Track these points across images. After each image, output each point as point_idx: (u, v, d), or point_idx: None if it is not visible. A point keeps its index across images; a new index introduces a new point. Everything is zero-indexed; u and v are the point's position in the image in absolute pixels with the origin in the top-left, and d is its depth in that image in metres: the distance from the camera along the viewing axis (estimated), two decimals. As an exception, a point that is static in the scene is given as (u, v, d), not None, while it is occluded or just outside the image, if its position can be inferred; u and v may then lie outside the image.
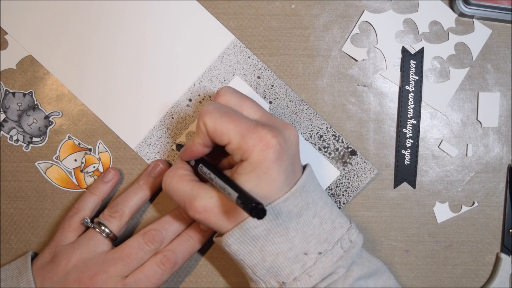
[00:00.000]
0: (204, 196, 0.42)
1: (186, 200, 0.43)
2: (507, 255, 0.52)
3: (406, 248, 0.53)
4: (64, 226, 0.49)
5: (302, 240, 0.42)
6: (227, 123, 0.41)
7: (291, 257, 0.42)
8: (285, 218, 0.41)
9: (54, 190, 0.53)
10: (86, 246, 0.47)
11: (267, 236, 0.41)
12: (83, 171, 0.53)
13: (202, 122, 0.42)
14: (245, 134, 0.40)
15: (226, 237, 0.42)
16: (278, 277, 0.42)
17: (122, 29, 0.52)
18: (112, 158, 0.53)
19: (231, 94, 0.44)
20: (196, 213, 0.42)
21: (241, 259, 0.43)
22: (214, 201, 0.42)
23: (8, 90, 0.52)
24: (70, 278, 0.46)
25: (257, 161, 0.40)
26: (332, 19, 0.52)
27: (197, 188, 0.43)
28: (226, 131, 0.41)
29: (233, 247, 0.42)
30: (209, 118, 0.41)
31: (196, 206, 0.42)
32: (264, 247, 0.42)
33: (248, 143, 0.40)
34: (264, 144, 0.40)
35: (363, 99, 0.52)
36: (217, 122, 0.41)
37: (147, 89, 0.52)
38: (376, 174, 0.52)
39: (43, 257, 0.49)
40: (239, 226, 0.41)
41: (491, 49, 0.52)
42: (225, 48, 0.52)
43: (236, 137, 0.40)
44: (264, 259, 0.42)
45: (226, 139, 0.41)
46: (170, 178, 0.45)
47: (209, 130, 0.41)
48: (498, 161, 0.52)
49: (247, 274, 0.44)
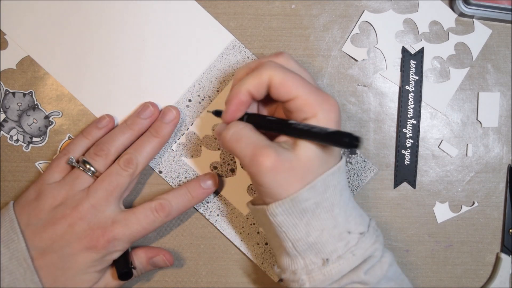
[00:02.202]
0: (279, 148, 0.40)
1: (257, 148, 0.40)
2: (507, 255, 0.52)
3: (406, 248, 0.53)
4: (52, 166, 0.49)
5: (344, 219, 0.42)
6: (296, 80, 0.41)
7: (335, 235, 0.41)
8: (331, 193, 0.41)
9: (54, 190, 0.53)
10: (72, 184, 0.47)
11: (315, 210, 0.41)
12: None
13: (267, 74, 0.41)
14: (313, 92, 0.41)
15: (274, 207, 0.40)
16: (320, 254, 0.42)
17: (121, 30, 0.52)
18: (112, 158, 0.53)
19: (292, 59, 0.44)
20: (267, 160, 0.39)
21: (284, 231, 0.41)
22: (286, 155, 0.40)
23: (8, 90, 0.52)
24: (57, 215, 0.46)
25: (324, 118, 0.40)
26: (332, 19, 0.52)
27: (269, 142, 0.41)
28: (295, 86, 0.41)
29: (278, 218, 0.41)
30: (277, 71, 0.41)
31: (268, 154, 0.39)
32: (311, 221, 0.41)
33: (317, 100, 0.41)
34: (330, 106, 0.41)
35: (363, 99, 0.52)
36: (286, 76, 0.41)
37: (147, 90, 0.52)
38: (376, 172, 0.52)
39: (28, 195, 0.49)
40: (291, 198, 0.40)
41: (491, 49, 0.52)
42: (224, 48, 0.52)
43: (304, 93, 0.41)
44: (309, 234, 0.41)
45: (294, 93, 0.41)
46: (242, 125, 0.42)
47: (276, 82, 0.41)
48: (498, 161, 0.52)
49: (285, 248, 0.42)
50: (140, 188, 0.52)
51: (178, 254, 0.53)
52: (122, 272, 0.48)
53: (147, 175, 0.52)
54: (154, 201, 0.48)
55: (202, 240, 0.53)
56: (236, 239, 0.52)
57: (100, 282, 0.48)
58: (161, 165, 0.52)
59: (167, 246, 0.53)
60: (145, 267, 0.50)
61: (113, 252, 0.47)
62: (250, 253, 0.52)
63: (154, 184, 0.52)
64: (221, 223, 0.52)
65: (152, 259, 0.50)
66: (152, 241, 0.53)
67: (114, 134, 0.49)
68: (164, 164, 0.52)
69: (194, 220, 0.53)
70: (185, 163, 0.52)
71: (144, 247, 0.51)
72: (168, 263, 0.51)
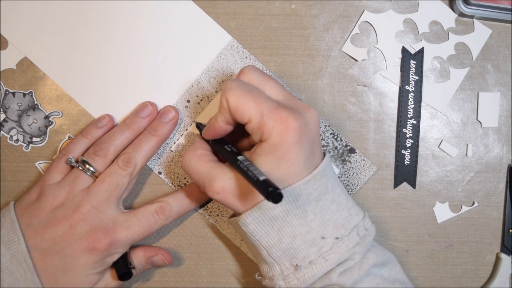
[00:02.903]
0: (223, 177, 0.42)
1: (205, 180, 0.43)
2: (507, 255, 0.52)
3: (406, 248, 0.53)
4: (52, 166, 0.49)
5: (320, 224, 0.42)
6: (249, 101, 0.40)
7: (308, 240, 0.42)
8: (304, 201, 0.41)
9: (54, 190, 0.53)
10: (71, 184, 0.47)
11: (285, 218, 0.41)
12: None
13: (224, 99, 0.41)
14: (266, 114, 0.40)
15: (245, 216, 0.42)
16: (293, 260, 0.42)
17: (119, 31, 0.52)
18: (112, 158, 0.53)
19: (254, 73, 0.43)
20: (214, 194, 0.42)
21: (258, 239, 0.42)
22: (232, 182, 0.42)
23: (8, 90, 0.52)
24: (58, 216, 0.46)
25: (277, 142, 0.40)
26: (332, 19, 0.52)
27: (216, 169, 0.43)
28: (247, 109, 0.40)
29: (250, 227, 0.42)
30: (231, 94, 0.41)
31: (214, 187, 0.42)
32: (282, 228, 0.41)
33: (268, 123, 0.40)
34: (284, 126, 0.40)
35: (363, 99, 0.52)
36: (239, 99, 0.41)
37: (145, 91, 0.52)
38: (375, 171, 0.52)
39: (29, 196, 0.49)
40: (258, 206, 0.41)
41: (491, 49, 0.52)
42: (223, 48, 0.52)
43: (256, 116, 0.40)
44: (281, 241, 0.42)
45: (247, 117, 0.41)
46: (189, 158, 0.45)
47: (231, 107, 0.41)
48: (498, 161, 0.52)
49: (261, 256, 0.43)
50: (140, 188, 0.52)
51: (178, 254, 0.53)
52: (122, 273, 0.48)
53: (147, 175, 0.52)
54: (154, 204, 0.49)
55: (202, 240, 0.53)
56: (236, 239, 0.53)
57: (100, 283, 0.48)
58: (160, 166, 0.52)
59: (167, 246, 0.53)
60: (144, 267, 0.50)
61: (113, 254, 0.47)
62: (250, 253, 0.52)
63: (154, 184, 0.52)
64: (221, 223, 0.52)
65: (151, 258, 0.50)
66: (152, 241, 0.53)
67: (113, 133, 0.49)
68: (164, 165, 0.52)
69: (194, 220, 0.53)
70: (185, 163, 0.52)
71: (143, 246, 0.51)
72: (167, 262, 0.51)
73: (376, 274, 0.43)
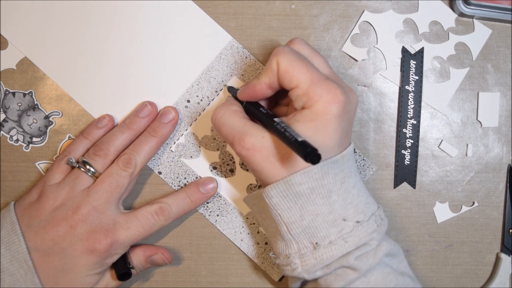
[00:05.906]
0: (256, 134, 0.42)
1: (236, 134, 0.42)
2: (507, 255, 0.52)
3: (406, 248, 0.53)
4: (53, 167, 0.49)
5: (342, 207, 0.42)
6: (300, 67, 0.41)
7: (329, 220, 0.42)
8: (330, 180, 0.41)
9: (54, 190, 0.53)
10: (72, 185, 0.47)
11: (310, 195, 0.41)
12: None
13: (275, 61, 0.41)
14: (316, 81, 0.40)
15: (270, 188, 0.42)
16: (313, 238, 0.42)
17: (119, 31, 0.52)
18: (112, 158, 0.53)
19: (305, 44, 0.44)
20: (243, 149, 0.42)
21: (279, 213, 0.42)
22: (265, 142, 0.42)
23: (8, 90, 0.52)
24: (58, 216, 0.46)
25: (320, 111, 0.40)
26: (332, 19, 0.52)
27: (249, 126, 0.43)
28: (297, 73, 0.41)
29: (274, 200, 0.42)
30: (283, 57, 0.41)
31: (245, 142, 0.42)
32: (305, 205, 0.42)
33: (316, 91, 0.40)
34: (332, 97, 0.40)
35: (363, 99, 0.52)
36: (290, 63, 0.41)
37: (145, 91, 0.52)
38: (375, 170, 0.52)
39: (30, 196, 0.49)
40: (284, 180, 0.41)
41: (491, 49, 0.52)
42: (223, 48, 0.52)
43: (305, 82, 0.40)
44: (303, 218, 0.42)
45: (295, 82, 0.41)
46: (223, 111, 0.44)
47: (281, 69, 0.41)
48: (498, 161, 0.52)
49: (280, 232, 0.43)
50: (140, 188, 0.52)
51: (178, 254, 0.53)
52: (122, 273, 0.48)
53: (147, 175, 0.52)
54: (154, 205, 0.49)
55: (202, 240, 0.53)
56: (236, 239, 0.53)
57: (100, 283, 0.48)
58: (160, 166, 0.52)
59: (167, 246, 0.53)
60: (144, 266, 0.50)
61: (113, 254, 0.47)
62: (250, 253, 0.53)
63: (154, 184, 0.52)
64: (221, 223, 0.53)
65: (150, 257, 0.50)
66: (152, 241, 0.53)
67: (113, 134, 0.49)
68: (164, 165, 0.52)
69: (194, 220, 0.53)
70: (184, 164, 0.52)
71: (142, 245, 0.51)
72: (166, 261, 0.51)
73: (387, 264, 0.43)
